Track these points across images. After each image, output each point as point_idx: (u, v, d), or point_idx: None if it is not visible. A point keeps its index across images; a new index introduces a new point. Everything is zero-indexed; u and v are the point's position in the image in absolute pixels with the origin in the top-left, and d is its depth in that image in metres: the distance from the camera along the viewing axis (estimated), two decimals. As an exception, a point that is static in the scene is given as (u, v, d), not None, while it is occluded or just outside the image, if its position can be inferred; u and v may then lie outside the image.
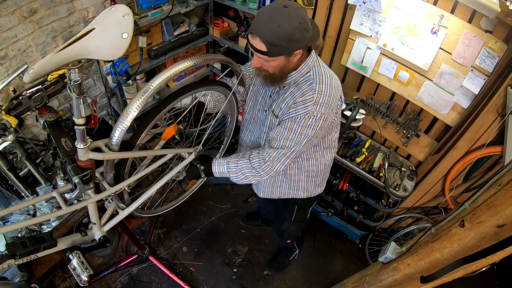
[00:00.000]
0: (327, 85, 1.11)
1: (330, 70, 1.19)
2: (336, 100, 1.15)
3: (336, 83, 1.15)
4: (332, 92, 1.11)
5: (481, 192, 0.84)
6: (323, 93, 1.09)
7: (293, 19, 0.96)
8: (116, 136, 1.11)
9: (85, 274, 1.22)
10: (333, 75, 1.17)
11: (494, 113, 1.43)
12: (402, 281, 1.22)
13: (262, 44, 1.00)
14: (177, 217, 2.44)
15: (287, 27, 0.96)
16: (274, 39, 0.98)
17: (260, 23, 0.98)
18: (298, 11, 0.98)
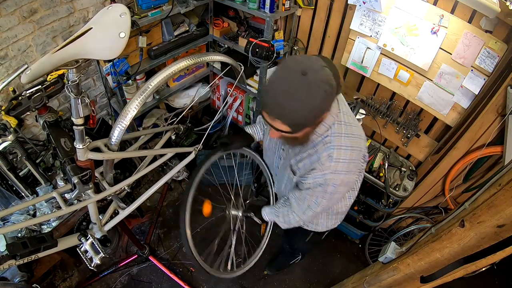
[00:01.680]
0: (347, 149, 0.96)
1: (353, 121, 1.03)
2: (359, 163, 1.01)
3: (358, 143, 0.99)
4: (354, 157, 0.97)
5: (481, 192, 0.84)
6: (342, 160, 0.96)
7: (317, 89, 0.79)
8: (115, 136, 1.11)
9: (97, 257, 1.22)
10: (354, 133, 0.99)
11: (494, 113, 1.43)
12: (402, 281, 1.21)
13: (285, 126, 0.86)
14: (177, 217, 2.43)
15: (312, 102, 0.80)
16: (299, 119, 0.84)
17: (279, 103, 0.81)
18: (319, 75, 0.80)
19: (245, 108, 2.44)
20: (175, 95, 2.29)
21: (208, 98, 2.69)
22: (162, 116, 2.25)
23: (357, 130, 1.01)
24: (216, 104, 2.72)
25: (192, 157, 1.67)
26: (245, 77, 2.08)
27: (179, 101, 2.33)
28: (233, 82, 2.25)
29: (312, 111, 0.83)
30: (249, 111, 2.43)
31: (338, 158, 0.95)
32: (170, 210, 2.47)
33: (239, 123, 2.59)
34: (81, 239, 1.23)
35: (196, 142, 1.77)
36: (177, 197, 2.57)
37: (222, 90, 2.56)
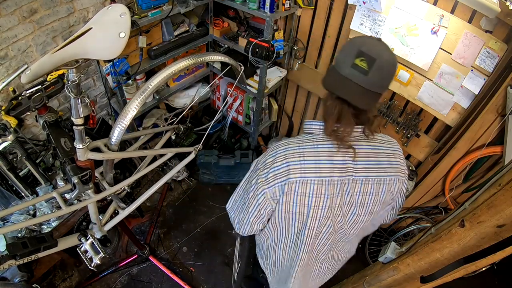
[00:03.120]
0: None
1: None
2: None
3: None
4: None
5: (481, 192, 0.84)
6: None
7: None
8: (115, 135, 1.12)
9: (97, 257, 1.22)
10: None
11: (494, 113, 1.43)
12: (402, 281, 1.21)
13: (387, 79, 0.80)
14: (177, 217, 2.44)
15: (395, 60, 0.80)
16: (392, 73, 0.80)
17: (376, 49, 0.76)
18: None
19: (245, 108, 2.44)
20: (175, 95, 2.30)
21: (208, 98, 2.69)
22: (162, 116, 2.25)
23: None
24: (216, 104, 2.72)
25: (192, 157, 1.67)
26: (245, 77, 2.08)
27: (179, 101, 2.33)
28: (233, 82, 2.25)
29: (395, 69, 0.80)
30: (249, 111, 2.43)
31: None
32: (170, 210, 2.47)
33: (239, 123, 2.59)
34: (81, 239, 1.23)
35: (196, 142, 1.77)
36: (177, 197, 2.57)
37: (222, 90, 2.56)
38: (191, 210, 2.49)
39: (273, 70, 2.29)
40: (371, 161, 0.86)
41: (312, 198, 0.85)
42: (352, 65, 0.76)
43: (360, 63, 0.75)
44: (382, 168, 0.87)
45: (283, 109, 2.62)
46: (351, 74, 0.76)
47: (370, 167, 0.86)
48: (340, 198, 0.87)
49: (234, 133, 2.76)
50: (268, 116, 2.61)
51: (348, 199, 0.88)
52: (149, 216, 2.35)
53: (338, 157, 0.83)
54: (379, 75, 0.76)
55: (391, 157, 0.89)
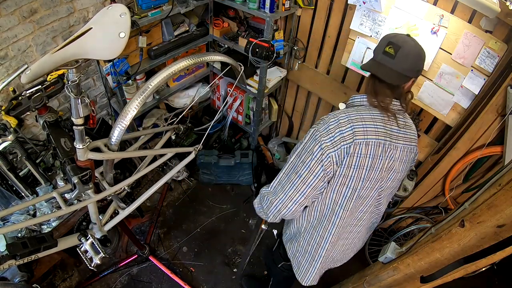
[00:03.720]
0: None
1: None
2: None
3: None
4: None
5: (481, 192, 0.84)
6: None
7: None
8: (115, 135, 1.11)
9: (97, 257, 1.22)
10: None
11: (494, 113, 1.43)
12: (402, 281, 1.21)
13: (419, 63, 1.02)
14: (177, 217, 2.44)
15: (423, 51, 1.02)
16: (423, 60, 1.03)
17: (405, 40, 0.97)
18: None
19: (245, 108, 2.44)
20: (175, 95, 2.30)
21: (208, 98, 2.69)
22: (162, 116, 2.25)
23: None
24: (216, 104, 2.72)
25: (192, 157, 1.67)
26: (245, 77, 2.08)
27: (179, 101, 2.33)
28: (233, 82, 2.25)
29: (420, 57, 1.01)
30: (249, 111, 2.43)
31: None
32: (170, 210, 2.47)
33: (239, 123, 2.59)
34: (81, 239, 1.23)
35: (196, 142, 1.77)
36: (177, 197, 2.57)
37: (222, 90, 2.56)
38: (191, 210, 2.49)
39: (273, 70, 2.29)
40: (407, 131, 1.03)
41: (370, 160, 0.97)
42: (383, 52, 0.97)
43: (388, 50, 0.96)
44: (412, 138, 1.05)
45: (283, 109, 2.62)
46: (382, 59, 0.98)
47: (406, 136, 1.03)
48: (388, 161, 1.01)
49: (234, 133, 2.75)
50: (268, 116, 2.61)
51: (392, 163, 1.02)
52: (149, 216, 2.35)
53: (389, 125, 0.99)
54: (404, 59, 0.95)
55: (414, 130, 1.07)
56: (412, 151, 1.07)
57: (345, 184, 1.00)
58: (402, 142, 1.02)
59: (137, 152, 1.56)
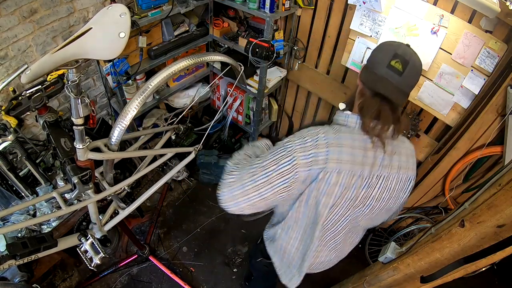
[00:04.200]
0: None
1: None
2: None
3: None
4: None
5: (481, 192, 0.84)
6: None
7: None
8: (115, 135, 1.11)
9: (97, 257, 1.22)
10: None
11: (494, 113, 1.43)
12: (402, 281, 1.21)
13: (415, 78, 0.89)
14: (177, 217, 2.44)
15: (421, 65, 0.90)
16: (418, 75, 0.90)
17: (407, 52, 0.86)
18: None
19: (245, 108, 2.44)
20: (175, 95, 2.29)
21: (208, 98, 2.69)
22: (162, 116, 2.25)
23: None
24: (216, 104, 2.72)
25: (192, 157, 1.67)
26: (245, 77, 2.08)
27: (179, 101, 2.33)
28: (233, 82, 2.25)
29: (421, 72, 0.90)
30: (249, 111, 2.43)
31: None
32: (170, 210, 2.47)
33: (239, 123, 2.59)
34: (81, 239, 1.23)
35: (196, 142, 1.77)
36: (177, 197, 2.57)
37: (222, 90, 2.56)
38: (191, 210, 2.49)
39: (273, 70, 2.29)
40: (394, 158, 0.91)
41: (340, 189, 0.88)
42: (388, 66, 0.84)
43: (395, 65, 0.84)
44: (401, 166, 0.93)
45: (283, 109, 2.62)
46: (387, 74, 0.84)
47: (393, 164, 0.91)
48: (364, 191, 0.91)
49: (234, 133, 2.75)
50: (268, 116, 2.61)
51: (370, 192, 0.91)
52: (149, 216, 2.35)
53: (371, 152, 0.87)
54: (411, 76, 0.85)
55: (409, 156, 0.96)
56: (405, 179, 0.95)
57: (312, 205, 0.93)
58: (388, 171, 0.91)
59: (137, 152, 1.56)
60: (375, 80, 0.86)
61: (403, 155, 0.94)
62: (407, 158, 0.95)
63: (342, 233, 1.03)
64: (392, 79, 0.84)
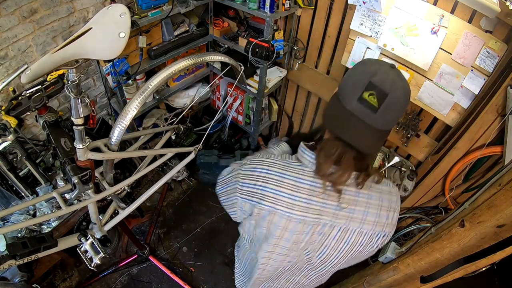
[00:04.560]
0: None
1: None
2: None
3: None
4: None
5: (481, 192, 0.84)
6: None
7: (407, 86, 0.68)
8: (115, 135, 1.11)
9: (97, 257, 1.22)
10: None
11: (494, 113, 1.43)
12: (402, 281, 1.21)
13: (395, 114, 0.68)
14: (177, 217, 2.44)
15: (407, 95, 0.67)
16: (401, 111, 0.69)
17: (391, 81, 0.63)
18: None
19: (245, 108, 2.44)
20: (175, 95, 2.29)
21: (208, 98, 2.69)
22: (162, 116, 2.25)
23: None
24: (216, 104, 2.72)
25: (192, 157, 1.67)
26: (245, 77, 2.08)
27: (179, 101, 2.33)
28: (233, 82, 2.25)
29: (408, 101, 0.68)
30: (249, 111, 2.43)
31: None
32: (170, 210, 2.47)
33: (239, 123, 2.59)
34: (81, 239, 1.23)
35: (196, 142, 1.77)
36: (177, 197, 2.57)
37: (222, 90, 2.56)
38: (191, 210, 2.49)
39: (273, 70, 2.29)
40: (357, 210, 0.76)
41: (278, 229, 0.79)
42: (359, 99, 0.64)
43: (369, 98, 0.63)
44: (367, 220, 0.77)
45: (283, 109, 2.62)
46: (357, 110, 0.64)
47: (354, 216, 0.76)
48: (311, 237, 0.79)
49: (234, 133, 2.75)
50: (268, 116, 2.61)
51: (319, 239, 0.80)
52: (149, 216, 2.35)
53: (318, 199, 0.74)
54: (390, 112, 0.65)
55: (383, 210, 0.78)
56: (371, 235, 0.79)
57: (251, 230, 0.87)
58: (345, 223, 0.76)
59: (137, 152, 1.56)
60: (340, 118, 0.68)
61: (374, 208, 0.77)
62: (378, 211, 0.77)
63: (292, 269, 0.94)
64: (363, 117, 0.64)
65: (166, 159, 1.58)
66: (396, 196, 0.81)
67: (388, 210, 0.78)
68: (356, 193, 0.75)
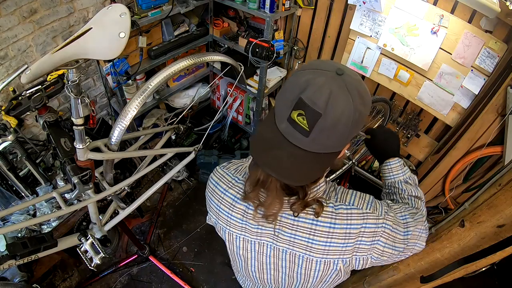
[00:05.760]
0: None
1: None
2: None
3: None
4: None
5: (481, 192, 0.83)
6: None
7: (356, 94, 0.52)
8: (115, 135, 1.11)
9: (97, 257, 1.22)
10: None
11: (494, 113, 1.43)
12: (402, 281, 1.21)
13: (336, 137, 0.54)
14: (177, 217, 2.44)
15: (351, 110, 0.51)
16: (344, 129, 0.53)
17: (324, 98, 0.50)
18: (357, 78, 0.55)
19: (245, 108, 2.44)
20: (175, 95, 2.29)
21: (208, 98, 2.69)
22: (162, 116, 2.25)
23: None
24: (216, 104, 2.72)
25: (192, 157, 1.67)
26: (245, 77, 2.08)
27: (179, 101, 2.33)
28: (233, 82, 2.25)
29: (352, 127, 0.53)
30: (249, 111, 2.43)
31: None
32: (170, 210, 2.47)
33: (239, 123, 2.59)
34: (81, 239, 1.23)
35: (196, 142, 1.77)
36: (177, 197, 2.57)
37: (222, 90, 2.56)
38: (191, 210, 2.49)
39: (273, 70, 2.29)
40: (299, 236, 0.67)
41: (237, 249, 0.77)
42: (288, 119, 0.52)
43: (297, 119, 0.51)
44: (314, 248, 0.67)
45: (283, 109, 2.62)
46: (286, 132, 0.53)
47: (296, 241, 0.68)
48: (266, 258, 0.75)
49: (234, 133, 2.75)
50: (268, 116, 2.61)
51: (276, 261, 0.74)
52: (149, 216, 2.35)
53: (253, 222, 0.69)
54: (328, 135, 0.52)
55: (336, 238, 0.65)
56: (324, 262, 0.69)
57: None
58: (290, 247, 0.70)
59: (137, 152, 1.56)
60: (265, 140, 0.56)
61: (320, 236, 0.66)
62: (327, 240, 0.66)
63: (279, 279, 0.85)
64: (294, 140, 0.53)
65: (166, 159, 1.58)
66: (361, 218, 0.65)
67: (344, 238, 0.65)
68: (294, 218, 0.66)
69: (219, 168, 0.79)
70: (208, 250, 2.26)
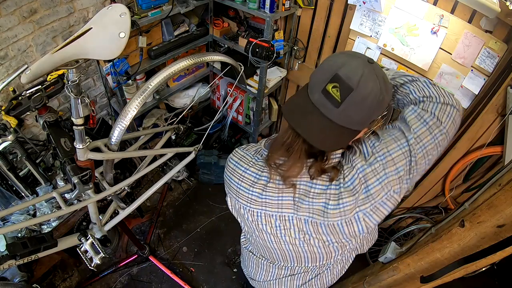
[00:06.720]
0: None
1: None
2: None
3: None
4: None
5: (481, 192, 0.84)
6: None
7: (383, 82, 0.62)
8: (115, 135, 1.11)
9: (97, 257, 1.22)
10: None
11: (494, 113, 1.43)
12: (402, 281, 1.21)
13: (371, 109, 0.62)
14: (177, 217, 2.44)
15: (380, 91, 0.61)
16: (377, 105, 0.63)
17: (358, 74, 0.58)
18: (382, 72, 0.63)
19: (245, 108, 2.44)
20: (175, 95, 2.29)
21: (208, 98, 2.69)
22: (162, 116, 2.25)
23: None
24: (216, 104, 2.72)
25: (192, 157, 1.67)
26: (245, 77, 2.08)
27: (179, 101, 2.33)
28: (233, 82, 2.25)
29: (380, 103, 0.61)
30: (249, 111, 2.43)
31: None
32: (170, 210, 2.47)
33: (239, 123, 2.59)
34: (81, 239, 1.23)
35: (196, 142, 1.77)
36: (177, 197, 2.57)
37: (222, 90, 2.56)
38: (191, 210, 2.49)
39: (273, 70, 2.29)
40: (315, 203, 0.71)
41: (247, 222, 0.80)
42: (323, 90, 0.60)
43: (332, 91, 0.59)
44: (328, 212, 0.71)
45: (283, 109, 2.62)
46: (319, 102, 0.61)
47: (315, 208, 0.72)
48: (299, 233, 0.78)
49: (234, 133, 2.75)
50: (268, 116, 2.61)
51: (302, 236, 0.78)
52: (149, 216, 2.35)
53: (272, 193, 0.73)
54: (356, 110, 0.60)
55: (345, 196, 0.70)
56: (338, 224, 0.73)
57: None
58: (307, 215, 0.73)
59: (137, 152, 1.56)
60: (299, 107, 0.65)
61: (334, 199, 0.71)
62: (337, 202, 0.70)
63: (302, 274, 0.96)
64: (324, 110, 0.61)
65: (166, 159, 1.58)
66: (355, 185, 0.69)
67: (341, 198, 0.70)
68: (312, 184, 0.71)
69: (238, 149, 0.82)
70: (208, 250, 2.26)
